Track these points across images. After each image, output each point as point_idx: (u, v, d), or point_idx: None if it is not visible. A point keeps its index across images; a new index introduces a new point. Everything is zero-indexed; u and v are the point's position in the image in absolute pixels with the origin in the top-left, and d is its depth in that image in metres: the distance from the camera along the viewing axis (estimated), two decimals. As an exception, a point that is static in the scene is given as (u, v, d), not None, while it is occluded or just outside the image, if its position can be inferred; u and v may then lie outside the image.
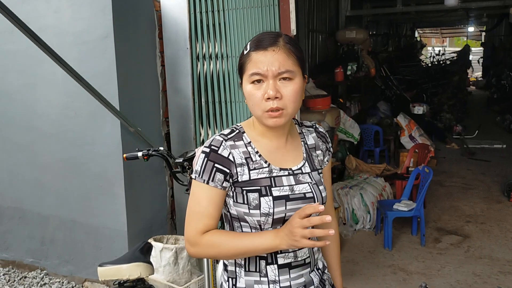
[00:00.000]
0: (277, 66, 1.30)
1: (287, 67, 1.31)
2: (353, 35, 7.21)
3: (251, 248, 1.30)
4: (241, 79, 1.38)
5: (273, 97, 1.29)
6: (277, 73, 1.30)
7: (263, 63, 1.30)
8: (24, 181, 3.85)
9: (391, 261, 3.96)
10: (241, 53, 1.38)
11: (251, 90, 1.32)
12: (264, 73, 1.30)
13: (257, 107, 1.32)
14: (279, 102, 1.30)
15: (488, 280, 3.59)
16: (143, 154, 2.65)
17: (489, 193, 5.59)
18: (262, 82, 1.31)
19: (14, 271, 3.93)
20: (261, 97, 1.31)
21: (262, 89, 1.31)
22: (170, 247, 3.17)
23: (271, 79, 1.30)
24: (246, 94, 1.35)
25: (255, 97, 1.32)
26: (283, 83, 1.31)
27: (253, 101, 1.33)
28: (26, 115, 3.72)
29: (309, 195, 1.38)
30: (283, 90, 1.31)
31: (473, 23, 16.29)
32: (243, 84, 1.36)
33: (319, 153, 1.50)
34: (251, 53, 1.33)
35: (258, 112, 1.33)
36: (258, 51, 1.32)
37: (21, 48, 3.54)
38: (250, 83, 1.33)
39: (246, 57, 1.34)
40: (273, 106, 1.30)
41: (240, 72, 1.38)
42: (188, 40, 3.55)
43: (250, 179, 1.34)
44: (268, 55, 1.30)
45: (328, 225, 1.61)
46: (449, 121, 9.06)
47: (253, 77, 1.31)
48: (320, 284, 1.47)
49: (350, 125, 6.07)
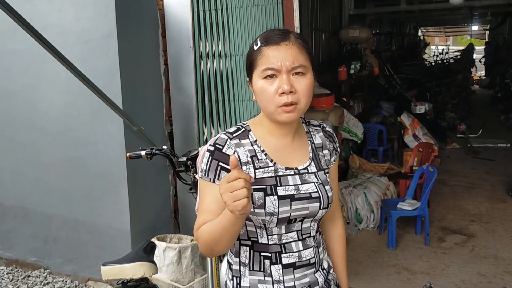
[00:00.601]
0: (291, 61, 1.28)
1: (300, 61, 1.30)
2: (356, 33, 7.18)
3: (219, 225, 1.24)
4: (250, 76, 1.36)
5: (288, 92, 1.28)
6: (291, 68, 1.29)
7: (277, 57, 1.28)
8: (27, 180, 3.85)
9: (395, 260, 3.94)
10: (250, 50, 1.36)
11: (264, 86, 1.30)
12: (278, 68, 1.28)
13: (270, 102, 1.30)
14: (293, 97, 1.29)
15: (493, 280, 3.57)
16: (146, 153, 2.64)
17: (493, 192, 5.57)
18: (274, 78, 1.29)
19: (18, 270, 3.93)
20: (274, 92, 1.29)
21: (275, 84, 1.29)
22: (174, 246, 3.16)
23: (285, 74, 1.28)
24: (257, 90, 1.33)
25: (267, 92, 1.30)
26: (296, 78, 1.30)
27: (266, 97, 1.30)
28: (29, 114, 3.72)
29: (314, 195, 1.36)
30: (296, 85, 1.30)
31: (477, 22, 16.22)
32: (254, 81, 1.34)
33: (326, 153, 1.48)
34: (262, 49, 1.31)
35: (271, 108, 1.31)
36: (271, 46, 1.30)
37: (24, 47, 3.53)
38: (262, 79, 1.30)
39: (257, 53, 1.32)
40: (287, 101, 1.28)
41: (249, 69, 1.36)
42: (192, 38, 3.54)
43: (256, 178, 1.33)
44: (282, 50, 1.29)
45: (335, 222, 1.60)
46: (452, 120, 9.03)
47: (266, 72, 1.29)
48: (325, 284, 1.46)
49: (354, 124, 6.05)
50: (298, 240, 1.38)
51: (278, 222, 1.33)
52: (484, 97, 13.14)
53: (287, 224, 1.35)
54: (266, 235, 1.35)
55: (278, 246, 1.36)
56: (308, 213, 1.36)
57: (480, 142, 7.93)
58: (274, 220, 1.32)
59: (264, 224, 1.33)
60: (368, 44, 7.55)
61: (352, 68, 6.65)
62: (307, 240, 1.40)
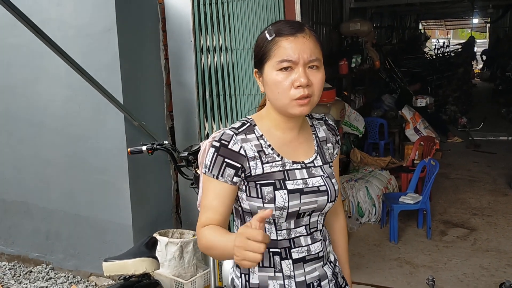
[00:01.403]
0: (308, 53, 1.26)
1: (316, 54, 1.28)
2: (357, 27, 7.14)
3: (220, 244, 1.22)
4: (260, 67, 1.32)
5: (305, 85, 1.26)
6: (308, 61, 1.27)
7: (294, 49, 1.25)
8: (28, 175, 3.84)
9: (397, 254, 3.94)
10: (261, 41, 1.31)
11: (278, 78, 1.27)
12: (296, 60, 1.25)
13: (284, 95, 1.27)
14: (309, 90, 1.27)
15: (495, 273, 3.56)
16: (147, 148, 2.63)
17: (495, 186, 5.56)
18: (290, 70, 1.27)
19: (20, 265, 3.94)
20: (290, 85, 1.26)
21: (290, 77, 1.26)
22: (176, 241, 3.15)
23: (301, 67, 1.26)
24: (270, 82, 1.29)
25: (282, 84, 1.27)
26: (311, 71, 1.28)
27: (280, 89, 1.27)
28: (29, 109, 3.71)
29: (322, 188, 1.36)
30: (312, 78, 1.28)
31: (478, 15, 16.15)
32: (266, 72, 1.30)
33: (329, 146, 1.48)
34: (278, 39, 1.27)
35: (284, 100, 1.28)
36: (287, 37, 1.27)
37: (24, 42, 3.51)
38: (276, 70, 1.27)
39: (271, 43, 1.28)
40: (304, 94, 1.26)
41: (260, 60, 1.31)
42: (192, 32, 3.52)
43: (264, 172, 1.31)
44: (299, 42, 1.26)
45: (337, 215, 1.60)
46: (454, 113, 9.02)
47: (282, 64, 1.26)
48: (333, 277, 1.46)
49: (355, 118, 6.04)
50: (307, 235, 1.38)
51: (288, 217, 1.32)
52: (485, 90, 13.12)
53: (296, 218, 1.34)
54: (275, 231, 1.34)
55: (287, 241, 1.36)
56: (316, 207, 1.36)
57: (481, 135, 7.91)
58: (284, 215, 1.31)
59: (273, 220, 1.32)
60: (369, 38, 7.51)
61: (353, 61, 6.62)
62: (314, 234, 1.40)
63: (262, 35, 1.32)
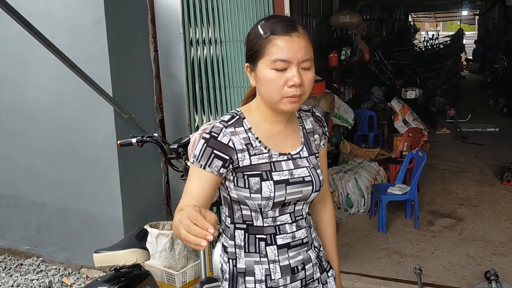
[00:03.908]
0: (302, 53, 1.30)
1: (310, 54, 1.32)
2: (347, 19, 7.16)
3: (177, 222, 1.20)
4: (253, 62, 1.35)
5: (298, 84, 1.29)
6: (302, 61, 1.30)
7: (289, 49, 1.28)
8: (18, 168, 3.83)
9: (386, 244, 3.99)
10: (255, 36, 1.33)
11: (272, 76, 1.30)
12: (290, 60, 1.29)
13: (277, 92, 1.31)
14: (300, 89, 1.31)
15: (481, 261, 3.63)
16: (137, 140, 2.63)
17: (482, 176, 5.64)
18: (284, 69, 1.29)
19: (10, 258, 3.93)
20: (283, 83, 1.30)
21: (284, 76, 1.29)
22: (166, 233, 3.18)
23: (295, 66, 1.29)
24: (263, 79, 1.32)
25: (276, 83, 1.30)
26: (303, 71, 1.31)
27: (273, 87, 1.30)
28: (18, 101, 3.69)
29: (307, 179, 1.41)
30: (304, 77, 1.31)
31: (467, 7, 16.23)
32: (259, 68, 1.32)
33: (316, 137, 1.52)
34: (272, 37, 1.29)
35: (276, 98, 1.32)
36: (282, 35, 1.29)
37: (12, 34, 3.49)
38: (270, 69, 1.30)
39: (265, 41, 1.30)
40: (296, 93, 1.30)
41: (253, 56, 1.33)
42: (181, 25, 3.52)
43: (251, 164, 1.36)
44: (294, 42, 1.29)
45: (325, 204, 1.64)
46: (442, 105, 9.10)
47: (277, 63, 1.29)
48: (317, 260, 1.51)
49: (344, 110, 6.07)
50: (292, 222, 1.43)
51: (274, 206, 1.37)
52: (473, 82, 13.23)
53: (281, 207, 1.39)
54: (261, 218, 1.39)
55: (273, 228, 1.40)
56: (301, 196, 1.40)
57: (469, 127, 8.01)
58: (270, 204, 1.36)
59: (260, 208, 1.37)
60: (359, 30, 7.54)
61: (342, 54, 6.65)
62: (299, 222, 1.45)
63: (255, 30, 1.34)
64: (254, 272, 1.41)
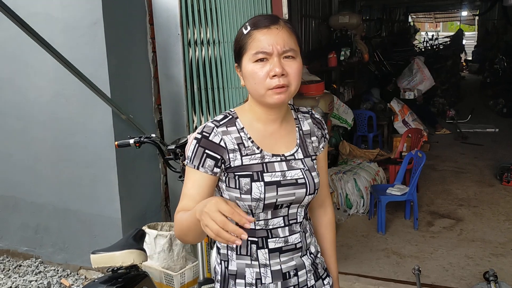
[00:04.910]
0: (282, 44, 1.30)
1: (291, 45, 1.32)
2: (346, 20, 7.16)
3: (186, 221, 1.23)
4: (239, 61, 1.36)
5: (280, 74, 1.29)
6: (282, 51, 1.30)
7: (268, 41, 1.29)
8: (16, 169, 3.83)
9: (385, 245, 3.99)
10: (239, 35, 1.36)
11: (254, 69, 1.30)
12: (269, 51, 1.29)
13: (260, 85, 1.31)
14: (284, 79, 1.30)
15: (480, 262, 3.63)
16: (134, 141, 2.64)
17: (481, 177, 5.63)
18: (265, 61, 1.30)
19: (9, 260, 3.93)
20: (265, 75, 1.30)
21: (266, 67, 1.30)
22: (165, 234, 3.17)
23: (276, 57, 1.29)
24: (247, 74, 1.33)
25: (258, 75, 1.30)
26: (287, 61, 1.31)
27: (256, 80, 1.31)
28: (17, 103, 3.69)
29: (301, 181, 1.38)
30: (287, 68, 1.31)
31: (467, 7, 16.23)
32: (244, 64, 1.34)
33: (314, 140, 1.49)
34: (253, 32, 1.31)
35: (261, 91, 1.31)
36: (261, 29, 1.31)
37: (10, 35, 3.48)
38: (252, 62, 1.31)
39: (246, 37, 1.32)
40: (279, 83, 1.29)
41: (238, 54, 1.35)
42: (180, 26, 3.52)
43: (242, 164, 1.34)
44: (272, 33, 1.30)
45: (325, 209, 1.61)
46: (442, 105, 9.08)
47: (257, 56, 1.30)
48: (312, 267, 1.47)
49: (344, 111, 6.07)
50: (285, 226, 1.40)
51: (265, 208, 1.35)
52: (473, 83, 13.22)
53: (274, 209, 1.36)
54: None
55: (265, 231, 1.38)
56: (294, 199, 1.38)
57: (469, 127, 8.01)
58: (261, 206, 1.34)
59: (250, 210, 1.35)
60: (358, 31, 7.54)
61: (342, 54, 6.64)
62: (293, 226, 1.41)
63: (240, 30, 1.36)
64: (245, 275, 1.39)
